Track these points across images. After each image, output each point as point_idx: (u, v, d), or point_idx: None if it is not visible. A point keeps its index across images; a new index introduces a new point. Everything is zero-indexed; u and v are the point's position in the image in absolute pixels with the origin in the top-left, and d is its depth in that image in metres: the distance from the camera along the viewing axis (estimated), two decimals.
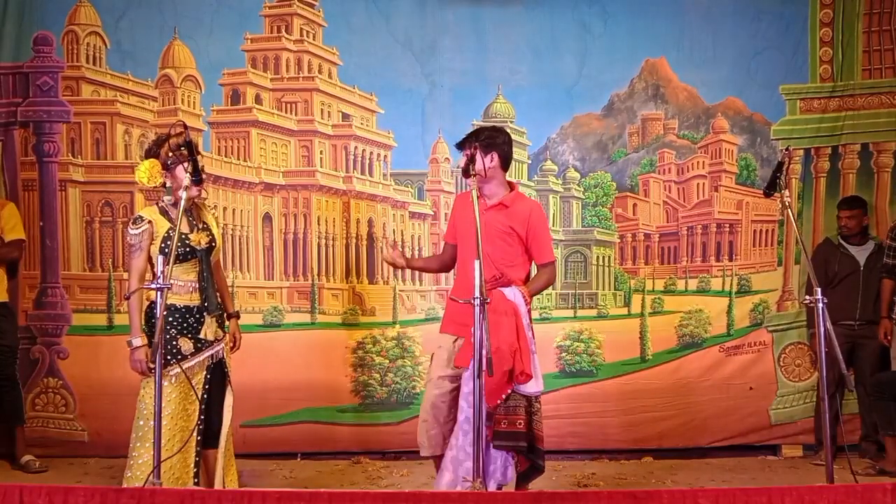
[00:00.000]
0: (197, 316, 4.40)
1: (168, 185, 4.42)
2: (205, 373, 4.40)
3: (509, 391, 4.36)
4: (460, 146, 4.66)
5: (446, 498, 3.58)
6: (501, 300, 4.41)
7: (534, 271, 4.83)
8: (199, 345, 4.39)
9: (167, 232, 4.37)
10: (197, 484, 4.30)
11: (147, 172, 4.39)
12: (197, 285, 4.40)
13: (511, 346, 4.34)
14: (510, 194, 4.66)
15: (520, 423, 4.38)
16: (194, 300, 4.40)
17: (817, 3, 6.51)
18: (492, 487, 4.34)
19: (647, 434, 6.36)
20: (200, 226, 4.48)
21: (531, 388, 4.41)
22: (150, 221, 4.40)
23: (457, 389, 4.52)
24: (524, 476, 4.51)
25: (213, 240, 4.50)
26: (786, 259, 6.60)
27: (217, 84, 6.42)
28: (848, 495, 3.41)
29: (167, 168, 4.40)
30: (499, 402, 4.33)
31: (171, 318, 4.35)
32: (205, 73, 6.39)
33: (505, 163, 4.66)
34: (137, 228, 4.38)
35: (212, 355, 4.43)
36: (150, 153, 4.48)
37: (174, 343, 4.33)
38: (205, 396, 4.38)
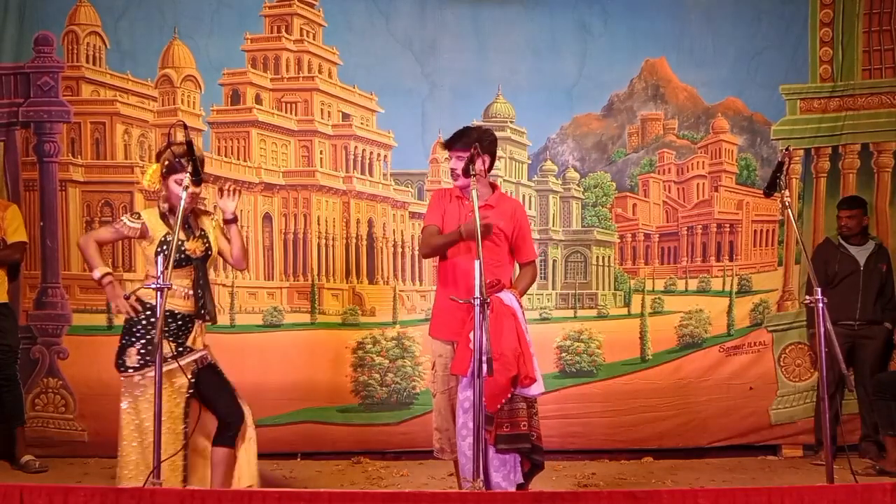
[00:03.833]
0: (186, 321, 4.37)
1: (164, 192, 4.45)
2: (189, 377, 4.36)
3: (509, 395, 4.35)
4: (448, 146, 4.64)
5: (446, 498, 3.58)
6: (500, 304, 4.40)
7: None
8: (181, 349, 4.33)
9: (164, 237, 4.39)
10: (185, 485, 4.29)
11: (149, 176, 4.50)
12: (191, 292, 4.38)
13: (514, 350, 4.33)
14: (494, 195, 4.70)
15: (523, 425, 4.39)
16: (186, 306, 4.38)
17: (817, 3, 6.51)
18: (512, 488, 4.35)
19: (647, 434, 6.36)
20: (197, 233, 4.47)
21: (535, 390, 4.42)
22: (143, 222, 4.42)
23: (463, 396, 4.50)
24: (527, 476, 4.51)
25: (209, 248, 4.47)
26: (786, 259, 6.60)
27: (217, 84, 6.42)
28: (848, 495, 3.41)
29: (163, 176, 4.41)
30: (499, 407, 4.33)
31: (153, 320, 4.31)
32: (205, 73, 6.39)
33: (492, 164, 4.72)
34: (129, 221, 4.42)
35: (197, 360, 4.38)
36: (157, 158, 4.51)
37: (155, 344, 4.32)
38: (189, 399, 4.35)
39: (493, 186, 4.79)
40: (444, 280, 4.70)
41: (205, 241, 4.47)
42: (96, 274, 4.37)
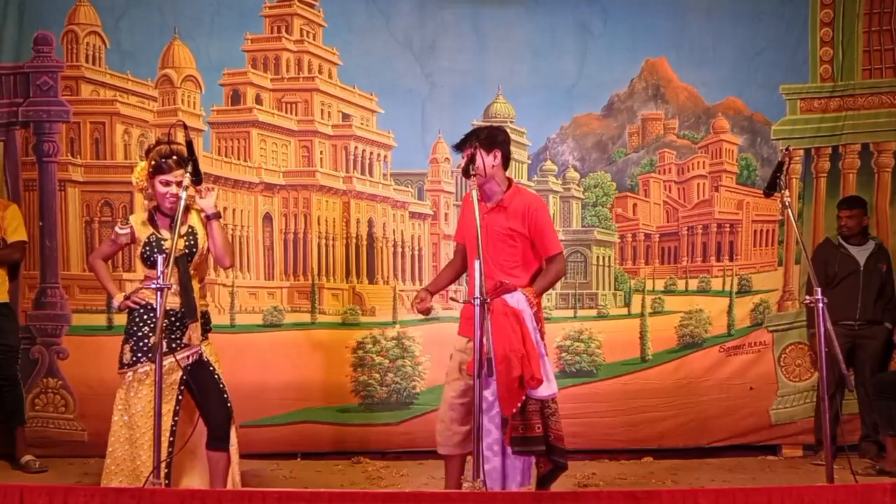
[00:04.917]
0: (179, 317, 4.36)
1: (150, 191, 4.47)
2: (181, 374, 4.35)
3: (524, 398, 4.34)
4: (459, 147, 4.62)
5: (446, 498, 3.59)
6: (504, 306, 4.38)
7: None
8: (175, 345, 4.32)
9: (147, 237, 4.42)
10: (168, 485, 4.27)
11: (138, 173, 4.52)
12: (178, 289, 4.37)
13: (517, 352, 4.31)
14: (508, 193, 4.62)
15: (538, 428, 4.37)
16: (176, 303, 4.35)
17: (817, 3, 6.51)
18: (514, 488, 4.35)
19: (648, 434, 6.36)
20: (184, 230, 4.44)
21: (544, 391, 4.39)
22: (131, 226, 4.47)
23: (471, 390, 4.48)
24: (549, 476, 4.51)
25: (193, 245, 4.44)
26: (786, 259, 6.60)
27: (217, 84, 6.42)
28: (848, 495, 3.42)
29: (149, 175, 4.41)
30: (514, 410, 4.32)
31: (146, 317, 4.35)
32: (205, 73, 6.39)
33: (506, 161, 4.65)
34: (119, 229, 4.51)
35: (188, 355, 4.36)
36: (146, 155, 4.53)
37: (146, 341, 4.32)
38: (180, 397, 4.34)
39: (509, 183, 4.68)
40: (468, 280, 4.74)
41: (189, 238, 4.45)
42: (115, 303, 4.51)
